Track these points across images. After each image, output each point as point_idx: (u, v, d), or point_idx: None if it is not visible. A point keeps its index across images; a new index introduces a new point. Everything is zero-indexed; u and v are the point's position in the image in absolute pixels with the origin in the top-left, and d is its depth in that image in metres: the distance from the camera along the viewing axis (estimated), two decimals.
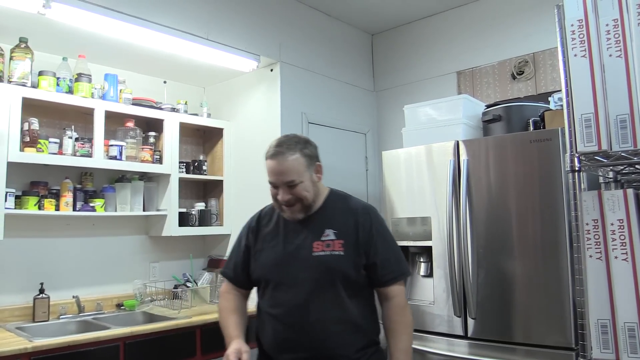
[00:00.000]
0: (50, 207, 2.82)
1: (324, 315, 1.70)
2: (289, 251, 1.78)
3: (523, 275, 2.31)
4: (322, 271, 1.72)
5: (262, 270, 1.83)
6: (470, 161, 2.51)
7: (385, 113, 4.06)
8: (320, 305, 1.71)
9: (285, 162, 1.71)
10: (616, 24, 1.37)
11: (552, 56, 3.16)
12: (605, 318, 1.36)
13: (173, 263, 3.61)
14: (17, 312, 2.81)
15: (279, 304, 1.77)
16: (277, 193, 1.76)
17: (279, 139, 1.79)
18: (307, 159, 1.76)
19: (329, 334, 1.70)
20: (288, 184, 1.72)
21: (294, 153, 1.72)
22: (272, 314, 1.78)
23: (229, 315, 1.86)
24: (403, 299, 1.78)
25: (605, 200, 1.39)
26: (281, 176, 1.72)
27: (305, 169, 1.74)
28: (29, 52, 2.75)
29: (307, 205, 1.77)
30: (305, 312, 1.71)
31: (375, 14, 3.82)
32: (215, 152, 3.75)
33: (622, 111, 1.34)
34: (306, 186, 1.74)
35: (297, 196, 1.73)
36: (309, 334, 1.70)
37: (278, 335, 1.76)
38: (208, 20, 3.04)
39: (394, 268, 1.78)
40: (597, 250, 1.39)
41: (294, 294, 1.73)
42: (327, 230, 1.77)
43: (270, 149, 1.76)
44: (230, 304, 1.90)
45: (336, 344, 1.70)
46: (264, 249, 1.84)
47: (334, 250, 1.73)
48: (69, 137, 2.89)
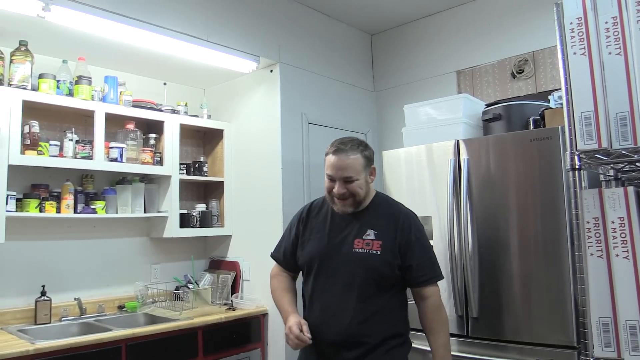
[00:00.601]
0: (51, 209, 2.82)
1: (355, 306, 1.86)
2: (333, 244, 1.95)
3: (524, 274, 2.31)
4: (360, 267, 1.88)
5: (307, 258, 2.00)
6: (471, 160, 2.51)
7: (385, 113, 4.06)
8: (353, 296, 1.87)
9: (347, 160, 1.88)
10: (615, 21, 1.37)
11: (551, 54, 3.16)
12: (606, 316, 1.36)
13: (174, 264, 3.62)
14: (19, 315, 2.81)
15: (317, 291, 1.95)
16: (332, 187, 1.92)
17: (343, 139, 1.95)
18: (366, 161, 1.93)
19: (357, 322, 1.85)
20: (346, 179, 1.88)
21: (355, 153, 1.90)
22: (311, 300, 1.97)
23: (283, 293, 2.04)
24: (438, 299, 1.93)
25: (606, 198, 1.39)
26: (341, 171, 1.88)
27: (363, 169, 1.91)
28: (29, 55, 2.75)
29: (359, 201, 1.93)
30: (339, 301, 1.89)
31: (374, 14, 3.82)
32: (216, 153, 3.75)
33: (622, 109, 1.34)
34: (361, 184, 1.91)
35: (351, 191, 1.89)
36: (340, 321, 1.87)
37: (315, 319, 1.92)
38: (207, 21, 3.04)
39: (428, 271, 1.92)
40: (598, 249, 1.39)
41: (331, 284, 1.91)
42: (369, 230, 1.92)
43: (334, 146, 1.92)
44: (282, 284, 2.07)
45: (363, 332, 1.85)
46: (310, 239, 2.02)
47: (372, 249, 1.89)
48: (70, 139, 2.89)
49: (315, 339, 1.86)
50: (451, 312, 2.50)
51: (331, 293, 1.91)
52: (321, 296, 1.94)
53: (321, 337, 1.89)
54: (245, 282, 3.50)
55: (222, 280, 3.51)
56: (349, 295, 1.88)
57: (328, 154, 1.93)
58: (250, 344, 3.16)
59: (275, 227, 3.27)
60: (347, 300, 1.88)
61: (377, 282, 1.88)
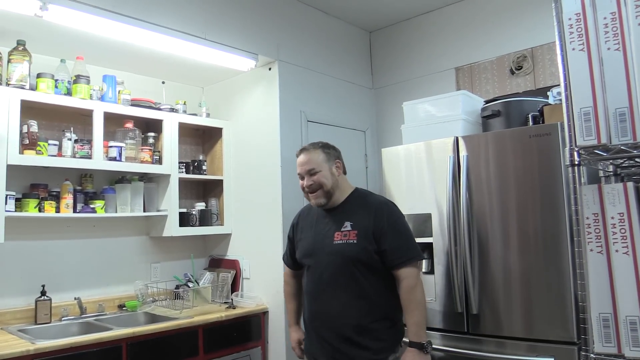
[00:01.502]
0: (50, 209, 2.82)
1: (341, 292, 2.11)
2: (318, 240, 2.22)
3: (524, 270, 2.31)
4: (340, 257, 2.11)
5: (300, 255, 2.29)
6: (470, 157, 2.51)
7: (384, 110, 4.06)
8: (339, 284, 2.11)
9: (308, 155, 2.22)
10: (614, 17, 1.37)
11: (550, 51, 3.16)
12: (606, 312, 1.36)
13: (174, 263, 3.62)
14: (19, 315, 2.81)
15: (309, 282, 2.23)
16: (303, 184, 2.22)
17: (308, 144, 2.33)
18: (326, 155, 2.23)
19: (344, 307, 2.09)
20: (309, 171, 2.19)
21: (315, 150, 2.23)
22: (306, 291, 2.27)
23: (289, 302, 2.49)
24: (413, 280, 2.07)
25: (606, 193, 1.38)
26: (304, 166, 2.21)
27: (324, 162, 2.21)
28: (27, 55, 2.74)
29: (327, 191, 2.19)
30: (326, 289, 2.14)
31: (372, 11, 3.82)
32: (215, 151, 3.75)
33: (621, 104, 1.34)
34: (325, 175, 2.19)
35: (317, 182, 2.18)
36: (328, 307, 2.13)
37: (310, 307, 2.23)
38: (205, 20, 3.03)
39: (403, 254, 2.09)
40: (597, 244, 1.39)
41: (320, 275, 2.17)
42: (346, 222, 2.16)
43: (298, 150, 2.28)
44: (290, 290, 2.47)
45: (350, 316, 2.08)
46: (302, 239, 2.32)
47: (349, 239, 2.12)
48: (68, 138, 2.89)
49: (313, 327, 2.21)
50: (451, 309, 2.51)
51: (318, 283, 2.17)
52: (312, 287, 2.22)
53: (317, 326, 2.18)
54: (245, 280, 3.50)
55: (222, 279, 3.52)
56: (334, 284, 2.12)
57: (296, 157, 2.27)
58: (250, 342, 3.17)
59: (275, 225, 3.27)
60: (332, 288, 2.13)
61: (358, 269, 2.09)
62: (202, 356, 2.88)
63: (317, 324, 2.19)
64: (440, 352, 2.51)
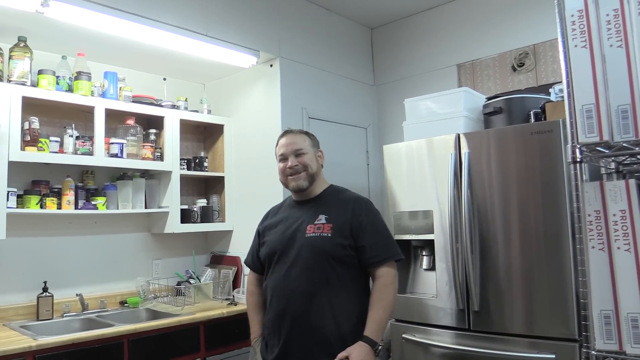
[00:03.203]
0: (52, 205, 2.82)
1: (312, 288, 1.96)
2: (288, 233, 2.07)
3: (525, 267, 2.31)
4: (312, 250, 1.98)
5: (268, 251, 2.12)
6: (472, 154, 2.51)
7: (385, 107, 4.05)
8: (309, 279, 1.97)
9: (295, 137, 2.13)
10: (616, 13, 1.36)
11: (552, 47, 3.15)
12: (608, 309, 1.36)
13: (176, 260, 3.62)
14: (21, 311, 2.82)
15: (277, 278, 2.05)
16: (285, 165, 2.10)
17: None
18: (311, 141, 2.16)
19: (314, 305, 1.95)
20: (296, 151, 2.09)
21: (301, 133, 2.16)
22: (271, 287, 2.07)
23: (255, 313, 2.21)
24: (388, 279, 1.98)
25: (607, 191, 1.38)
26: (291, 146, 2.10)
27: (310, 146, 2.13)
28: (28, 51, 2.74)
29: (311, 174, 2.09)
30: (296, 285, 1.98)
31: (374, 8, 3.81)
32: (216, 148, 3.75)
33: (624, 101, 1.33)
34: (311, 158, 2.11)
35: (303, 163, 2.08)
36: (297, 304, 1.96)
37: (274, 306, 2.03)
38: (207, 16, 3.03)
39: (381, 252, 2.00)
40: (599, 241, 1.38)
41: (288, 269, 2.01)
42: (320, 215, 2.05)
43: (281, 133, 2.19)
44: (256, 300, 2.22)
45: (319, 315, 1.94)
46: (269, 234, 2.17)
47: (323, 232, 2.01)
48: (70, 135, 2.89)
49: (276, 327, 2.01)
50: (452, 306, 2.51)
51: (287, 279, 2.00)
52: (279, 283, 2.03)
53: (281, 326, 2.00)
54: (247, 277, 3.49)
55: (223, 275, 3.52)
56: (304, 279, 1.97)
57: (278, 141, 2.16)
58: None
59: None
60: (302, 284, 1.97)
61: (331, 265, 1.96)
62: (203, 352, 2.89)
63: (280, 326, 2.00)
64: (441, 349, 2.52)
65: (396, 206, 2.81)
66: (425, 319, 2.61)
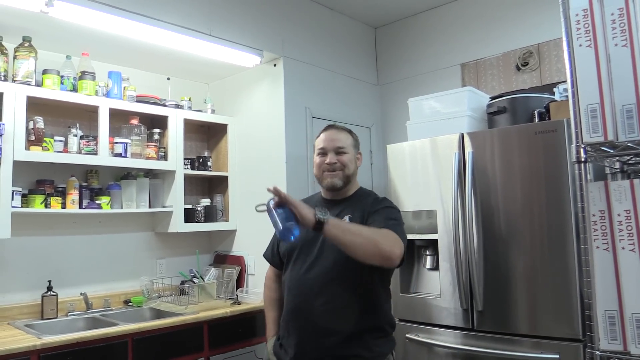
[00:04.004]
0: (56, 205, 2.83)
1: (330, 291, 1.89)
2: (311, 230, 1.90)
3: (530, 267, 2.30)
4: (333, 250, 1.85)
5: (288, 246, 2.04)
6: (476, 153, 2.50)
7: (389, 106, 4.05)
8: (328, 280, 1.89)
9: (339, 133, 2.05)
10: (621, 13, 1.36)
11: (556, 47, 3.14)
12: (612, 309, 1.35)
13: (179, 259, 3.63)
14: (26, 310, 2.83)
15: (295, 275, 1.99)
16: (324, 160, 2.01)
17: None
18: (354, 141, 2.09)
19: (330, 308, 1.88)
20: (338, 149, 2.01)
21: (345, 131, 2.08)
22: (288, 284, 2.01)
23: (271, 309, 2.20)
24: (391, 235, 1.78)
25: (612, 191, 1.38)
26: (333, 142, 2.01)
27: (352, 146, 2.05)
28: (33, 51, 2.75)
29: (348, 175, 2.02)
30: (313, 285, 1.91)
31: (378, 7, 3.81)
32: (220, 148, 3.75)
33: (628, 101, 1.33)
34: (350, 158, 2.03)
35: (342, 162, 2.00)
36: (313, 305, 1.89)
37: (290, 303, 1.99)
38: (211, 16, 3.03)
39: (384, 226, 1.83)
40: (604, 241, 1.38)
41: (307, 267, 1.95)
42: (345, 216, 1.98)
43: (325, 127, 2.11)
44: (274, 295, 2.20)
45: (334, 319, 1.87)
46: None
47: None
48: (74, 135, 2.90)
49: (293, 324, 1.96)
50: (456, 306, 2.51)
51: (307, 278, 1.93)
52: (297, 282, 1.97)
53: (298, 323, 1.94)
54: (250, 276, 3.51)
55: (227, 275, 3.52)
56: (323, 280, 1.90)
57: (320, 135, 2.09)
58: (255, 337, 3.17)
59: None
60: (319, 285, 1.90)
61: (351, 266, 1.81)
62: (207, 352, 2.89)
63: (297, 324, 1.96)
64: (445, 348, 2.51)
65: (400, 206, 2.78)
66: (428, 319, 2.61)
